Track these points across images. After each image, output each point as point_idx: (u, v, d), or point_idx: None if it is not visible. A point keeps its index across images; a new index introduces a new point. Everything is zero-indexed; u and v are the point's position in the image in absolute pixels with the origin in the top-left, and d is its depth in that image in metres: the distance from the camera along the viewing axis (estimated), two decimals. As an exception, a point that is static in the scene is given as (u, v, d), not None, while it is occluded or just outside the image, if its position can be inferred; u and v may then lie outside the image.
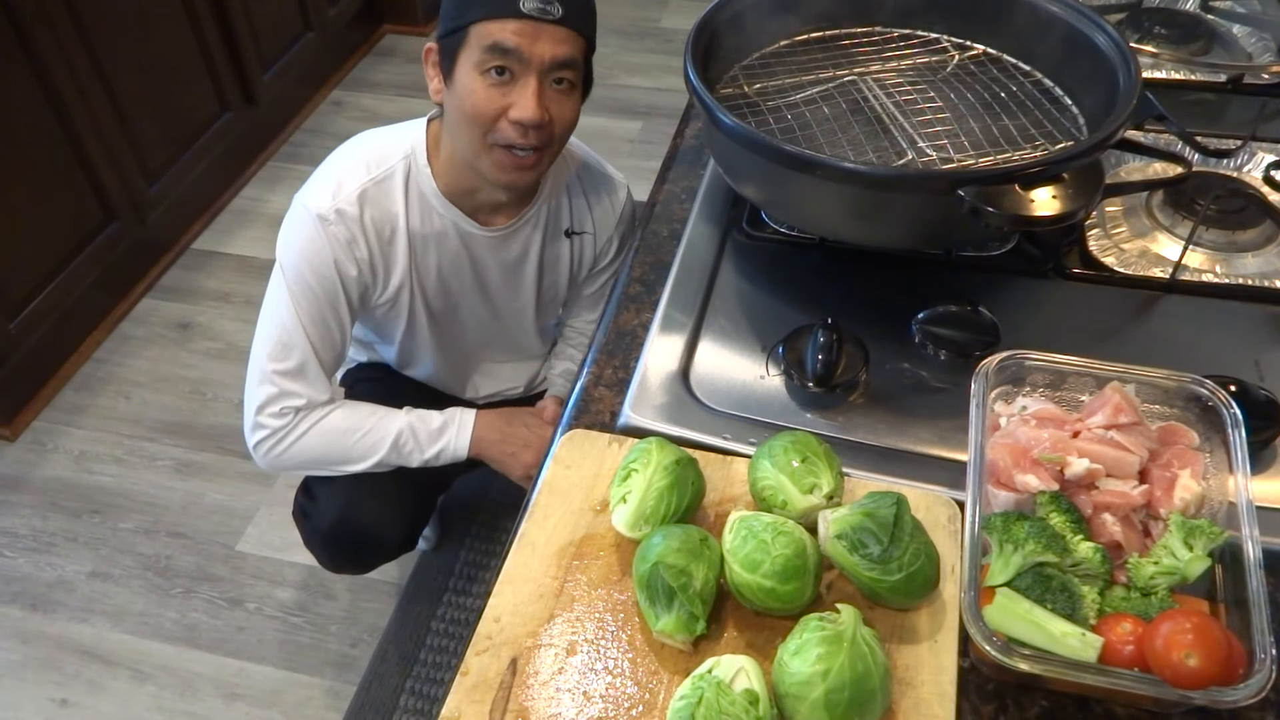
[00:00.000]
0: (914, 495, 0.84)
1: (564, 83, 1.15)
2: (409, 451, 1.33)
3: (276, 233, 1.31)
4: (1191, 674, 0.64)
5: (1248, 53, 1.41)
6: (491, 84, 1.13)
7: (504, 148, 1.17)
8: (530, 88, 1.12)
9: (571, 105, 1.18)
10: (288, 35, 2.89)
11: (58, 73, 2.07)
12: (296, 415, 1.27)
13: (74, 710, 1.72)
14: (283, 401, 1.26)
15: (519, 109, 1.12)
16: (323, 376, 1.29)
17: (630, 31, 3.47)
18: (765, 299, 1.08)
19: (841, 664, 0.68)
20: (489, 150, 1.18)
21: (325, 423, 1.29)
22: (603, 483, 0.90)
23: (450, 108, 1.19)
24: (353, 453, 1.31)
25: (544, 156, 1.20)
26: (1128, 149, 1.11)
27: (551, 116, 1.15)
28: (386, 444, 1.31)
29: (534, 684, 0.76)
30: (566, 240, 1.42)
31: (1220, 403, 0.81)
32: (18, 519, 2.02)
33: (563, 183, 1.39)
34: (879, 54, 1.22)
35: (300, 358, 1.25)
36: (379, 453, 1.32)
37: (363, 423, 1.31)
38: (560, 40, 1.11)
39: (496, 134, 1.16)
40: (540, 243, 1.39)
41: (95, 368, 2.33)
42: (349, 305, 1.28)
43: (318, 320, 1.26)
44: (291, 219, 1.26)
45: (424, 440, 1.34)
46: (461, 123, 1.17)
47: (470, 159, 1.21)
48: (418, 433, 1.33)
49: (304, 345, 1.25)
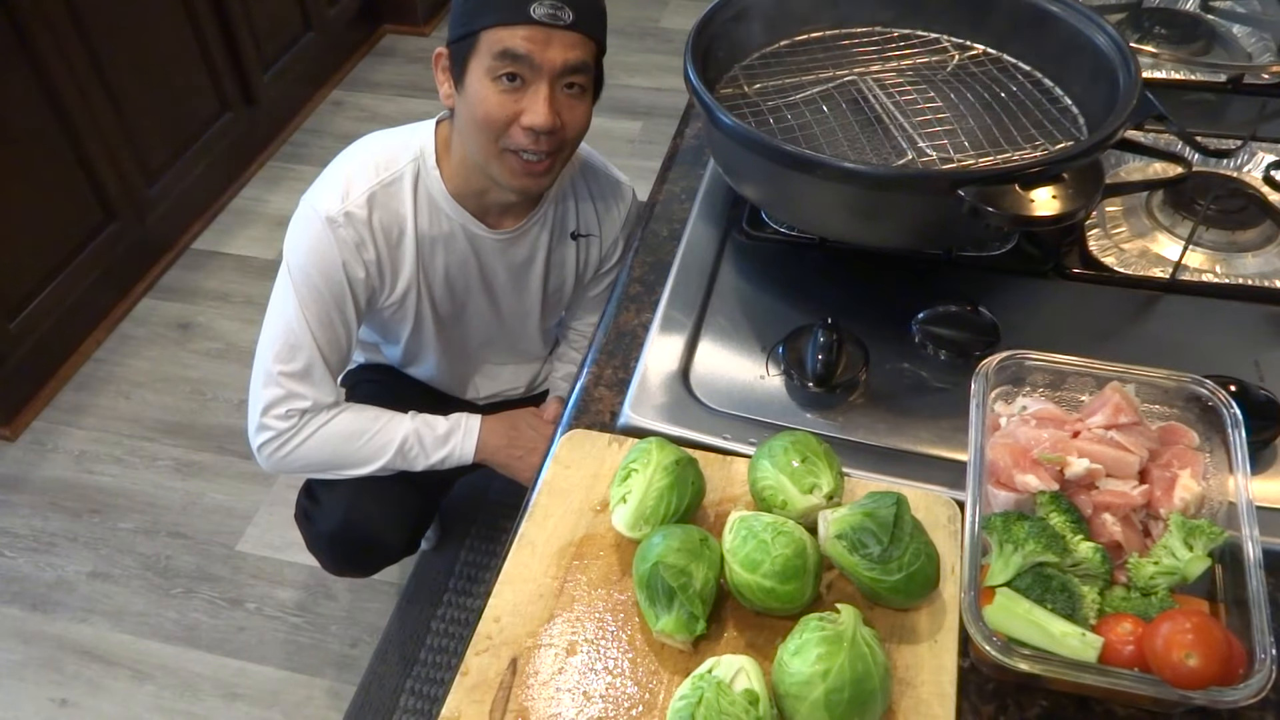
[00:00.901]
0: (914, 495, 0.84)
1: (575, 87, 1.15)
2: (414, 456, 1.33)
3: (277, 232, 1.31)
4: (1191, 674, 0.64)
5: (1248, 53, 1.41)
6: (503, 90, 1.12)
7: (516, 153, 1.16)
8: (542, 94, 1.12)
9: (583, 110, 1.18)
10: (288, 35, 2.89)
11: (58, 73, 2.07)
12: (302, 418, 1.27)
13: (74, 710, 1.72)
14: (289, 403, 1.26)
15: (531, 115, 1.12)
16: (329, 379, 1.29)
17: (630, 31, 3.47)
18: (765, 299, 1.08)
19: (841, 664, 0.68)
20: (501, 156, 1.17)
21: (331, 426, 1.29)
22: (603, 483, 0.90)
23: (461, 113, 1.19)
24: (357, 457, 1.31)
25: (556, 161, 1.20)
26: (1128, 149, 1.11)
27: (564, 122, 1.15)
28: (392, 449, 1.32)
29: (534, 684, 0.76)
30: (573, 243, 1.43)
31: (1220, 403, 0.81)
32: (18, 519, 2.02)
33: (569, 185, 1.39)
34: (879, 54, 1.21)
35: (307, 359, 1.25)
36: (384, 457, 1.32)
37: (368, 427, 1.31)
38: (571, 45, 1.11)
39: (508, 140, 1.15)
40: (547, 245, 1.39)
41: (95, 368, 2.33)
42: (356, 307, 1.28)
43: (324, 322, 1.26)
44: (299, 220, 1.26)
45: (429, 446, 1.34)
46: (473, 129, 1.17)
47: (482, 164, 1.20)
48: (423, 438, 1.33)
49: (310, 347, 1.25)
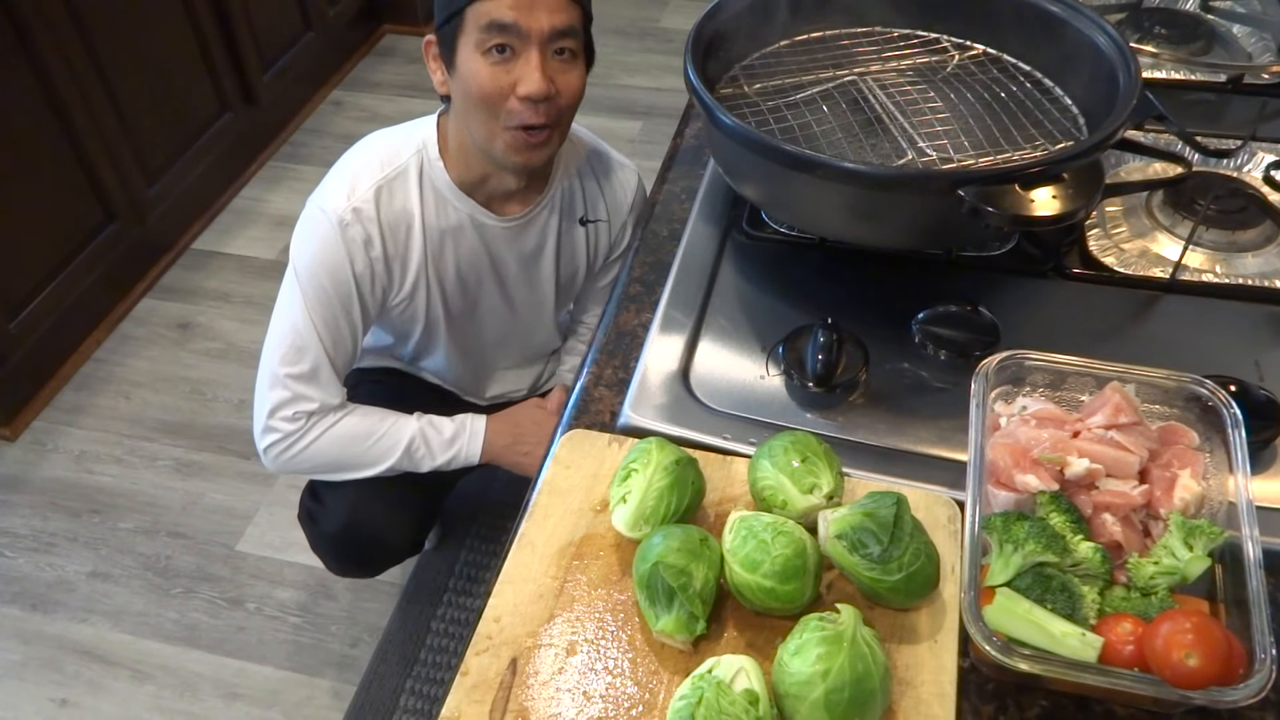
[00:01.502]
0: (914, 495, 0.84)
1: (565, 53, 1.15)
2: (420, 458, 1.33)
3: (277, 232, 1.31)
4: (1191, 674, 0.64)
5: (1248, 53, 1.41)
6: (494, 63, 1.12)
7: (515, 129, 1.16)
8: (533, 61, 1.12)
9: (576, 75, 1.18)
10: (288, 35, 2.89)
11: (58, 73, 2.07)
12: (309, 420, 1.27)
13: (74, 710, 1.72)
14: (295, 405, 1.26)
15: (525, 84, 1.12)
16: (335, 380, 1.29)
17: (630, 31, 3.47)
18: (765, 299, 1.08)
19: (841, 664, 0.68)
20: (501, 132, 1.17)
21: (337, 428, 1.29)
22: (603, 483, 0.89)
23: (457, 96, 1.19)
24: (364, 459, 1.32)
25: (555, 132, 1.20)
26: (1128, 149, 1.11)
27: (558, 89, 1.15)
28: (398, 451, 1.32)
29: (534, 684, 0.76)
30: (582, 229, 1.43)
31: (1220, 403, 0.81)
32: (18, 519, 2.02)
33: (574, 169, 1.39)
34: (879, 54, 1.21)
35: (313, 361, 1.25)
36: (390, 459, 1.32)
37: (374, 429, 1.31)
38: (556, 9, 1.11)
39: (507, 115, 1.15)
40: (556, 231, 1.39)
41: (95, 368, 2.33)
42: (363, 309, 1.28)
43: (331, 324, 1.26)
44: (305, 222, 1.26)
45: (436, 448, 1.34)
46: (470, 108, 1.17)
47: (484, 144, 1.20)
48: (430, 440, 1.34)
49: (317, 349, 1.25)
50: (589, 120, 1.44)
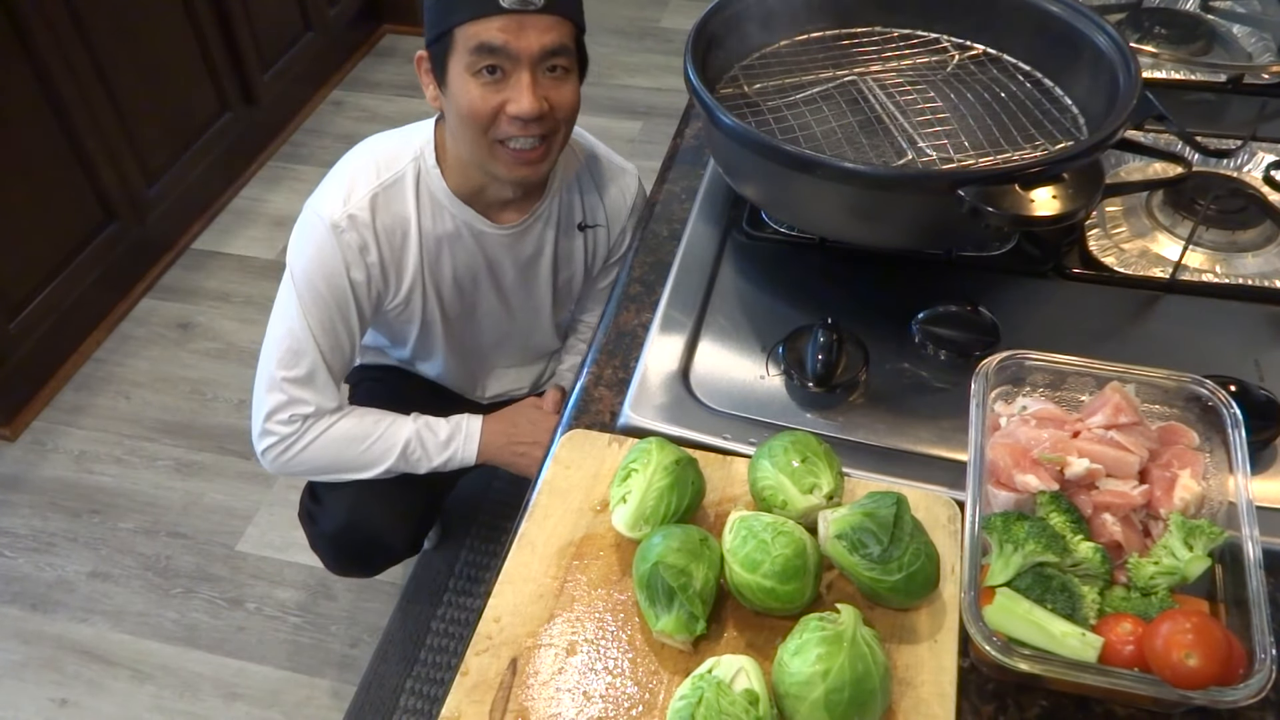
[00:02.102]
0: (914, 495, 0.84)
1: (558, 69, 1.15)
2: (416, 460, 1.33)
3: (277, 232, 1.31)
4: (1191, 674, 0.64)
5: (1248, 53, 1.41)
6: (485, 84, 1.12)
7: (507, 144, 1.16)
8: (524, 82, 1.11)
9: (570, 89, 1.17)
10: (288, 35, 2.89)
11: (58, 73, 2.07)
12: (305, 423, 1.27)
13: (74, 710, 1.72)
14: (292, 409, 1.26)
15: (516, 104, 1.12)
16: (331, 384, 1.29)
17: (630, 31, 3.47)
18: (765, 299, 1.08)
19: (841, 664, 0.68)
20: (493, 149, 1.17)
21: (334, 431, 1.29)
22: (603, 483, 0.90)
23: (449, 113, 1.19)
24: (360, 461, 1.32)
25: (552, 145, 1.20)
26: (1128, 149, 1.11)
27: (551, 105, 1.15)
28: (394, 453, 1.32)
29: (534, 684, 0.76)
30: (580, 235, 1.42)
31: (1220, 403, 0.81)
32: (18, 519, 2.02)
33: (572, 176, 1.38)
34: (879, 54, 1.21)
35: (310, 365, 1.26)
36: (387, 461, 1.32)
37: (371, 431, 1.31)
38: (546, 29, 1.10)
39: (497, 131, 1.15)
40: (554, 238, 1.39)
41: (95, 368, 2.33)
42: (359, 313, 1.28)
43: (328, 328, 1.26)
44: (302, 226, 1.26)
45: (432, 450, 1.34)
46: (461, 126, 1.17)
47: (477, 160, 1.20)
48: (425, 442, 1.34)
49: (314, 353, 1.25)
50: (589, 120, 1.44)
